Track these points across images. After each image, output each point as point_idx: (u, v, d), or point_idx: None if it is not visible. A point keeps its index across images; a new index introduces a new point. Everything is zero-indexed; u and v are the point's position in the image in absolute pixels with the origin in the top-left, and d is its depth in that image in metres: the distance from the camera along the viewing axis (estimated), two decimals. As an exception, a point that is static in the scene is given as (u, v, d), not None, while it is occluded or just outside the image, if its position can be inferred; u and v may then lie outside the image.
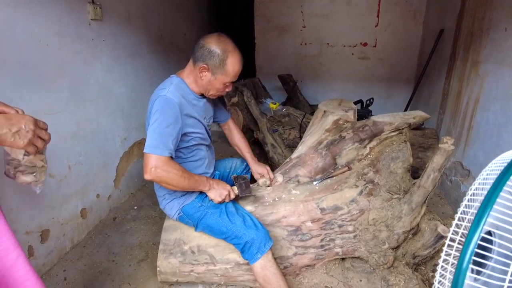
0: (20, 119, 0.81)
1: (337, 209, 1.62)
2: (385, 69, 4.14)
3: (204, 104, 1.58)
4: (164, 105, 1.37)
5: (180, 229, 1.63)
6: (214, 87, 1.48)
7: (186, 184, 1.41)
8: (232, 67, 1.43)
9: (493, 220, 0.62)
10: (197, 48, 1.42)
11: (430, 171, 1.44)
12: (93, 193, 2.21)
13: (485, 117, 2.16)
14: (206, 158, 1.65)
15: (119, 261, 1.92)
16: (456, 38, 2.73)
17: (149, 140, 1.34)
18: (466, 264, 0.53)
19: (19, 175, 0.90)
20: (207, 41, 1.40)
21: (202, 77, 1.45)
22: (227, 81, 1.46)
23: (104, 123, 2.30)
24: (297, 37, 4.30)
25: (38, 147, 0.86)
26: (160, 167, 1.32)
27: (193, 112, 1.49)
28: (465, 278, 0.53)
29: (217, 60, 1.39)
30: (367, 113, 3.10)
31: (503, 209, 0.62)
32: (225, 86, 1.49)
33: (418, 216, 1.56)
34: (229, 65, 1.42)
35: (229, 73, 1.43)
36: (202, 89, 1.51)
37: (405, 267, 1.58)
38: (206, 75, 1.43)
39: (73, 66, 1.96)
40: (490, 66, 2.16)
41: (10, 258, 0.87)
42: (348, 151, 1.77)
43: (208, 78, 1.44)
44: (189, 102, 1.48)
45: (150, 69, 2.90)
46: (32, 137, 0.83)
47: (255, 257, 1.41)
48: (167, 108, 1.37)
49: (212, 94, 1.52)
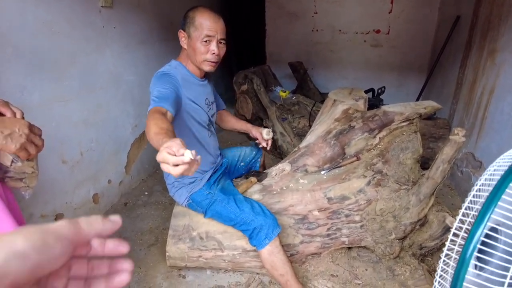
0: (14, 122, 0.79)
1: (344, 199, 1.63)
2: (398, 57, 4.05)
3: (205, 88, 1.59)
4: (157, 77, 1.41)
5: (189, 216, 1.67)
6: (197, 51, 1.44)
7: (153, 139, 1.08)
8: (201, 19, 1.40)
9: (498, 217, 0.62)
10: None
11: (439, 163, 1.42)
12: (105, 179, 2.26)
13: (500, 108, 2.11)
14: (211, 144, 1.67)
15: (130, 246, 1.96)
16: (472, 25, 2.65)
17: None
18: (468, 259, 0.53)
19: (8, 180, 0.88)
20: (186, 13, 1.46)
21: (184, 46, 1.47)
22: (202, 36, 1.41)
23: (114, 110, 2.32)
24: (308, 24, 4.22)
25: (30, 152, 0.82)
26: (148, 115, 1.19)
27: (191, 91, 1.49)
28: (466, 273, 0.53)
29: (188, 20, 1.43)
30: (378, 102, 3.05)
31: (509, 206, 0.62)
32: (206, 44, 1.42)
33: (426, 207, 1.56)
34: (198, 18, 1.41)
35: (198, 26, 1.40)
36: (194, 61, 1.49)
37: (411, 257, 1.59)
38: (184, 41, 1.47)
39: (84, 53, 1.98)
40: (508, 55, 2.10)
41: None
42: (357, 141, 1.76)
43: (186, 42, 1.46)
44: (187, 81, 1.49)
45: (160, 56, 2.90)
46: (25, 142, 0.79)
47: (263, 243, 1.43)
48: (160, 78, 1.39)
49: (200, 61, 1.46)
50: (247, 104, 3.19)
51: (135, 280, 1.71)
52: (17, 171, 0.87)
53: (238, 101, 3.27)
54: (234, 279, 1.72)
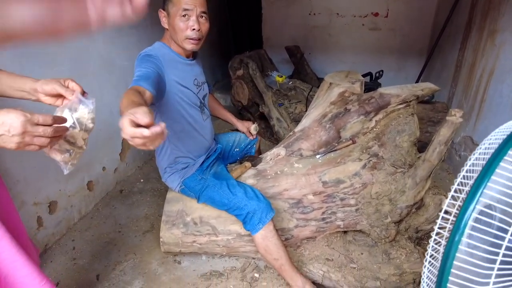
0: (5, 121, 0.70)
1: (339, 183, 1.61)
2: (396, 40, 3.98)
3: (193, 68, 1.55)
4: (139, 59, 1.37)
5: (183, 201, 1.65)
6: (176, 28, 1.39)
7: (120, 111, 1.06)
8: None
9: (493, 193, 0.60)
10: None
11: (436, 144, 1.40)
12: (99, 166, 2.24)
13: (499, 90, 2.08)
14: (206, 128, 1.64)
15: (125, 232, 1.97)
16: (473, 5, 2.59)
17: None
18: (458, 238, 0.51)
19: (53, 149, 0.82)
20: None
21: (165, 25, 1.44)
22: (180, 11, 1.36)
23: (107, 96, 2.28)
24: (305, 7, 4.13)
25: (40, 145, 0.75)
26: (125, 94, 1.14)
27: (177, 72, 1.45)
28: (459, 252, 0.51)
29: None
30: (376, 86, 3.00)
31: (504, 180, 0.59)
32: (185, 20, 1.37)
33: (423, 190, 1.54)
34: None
35: (175, 1, 1.36)
36: (176, 41, 1.44)
37: (407, 241, 1.58)
38: (165, 21, 1.43)
39: (74, 39, 1.92)
40: (508, 35, 2.05)
41: None
42: (353, 124, 1.73)
43: (167, 22, 1.42)
44: (172, 61, 1.45)
45: (153, 40, 2.80)
46: (20, 141, 0.72)
47: (257, 228, 1.42)
48: (142, 59, 1.35)
49: (181, 38, 1.41)
50: (243, 89, 3.15)
51: (130, 266, 1.71)
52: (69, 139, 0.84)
53: (234, 86, 3.22)
54: (230, 264, 1.72)
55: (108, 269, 1.70)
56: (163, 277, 1.65)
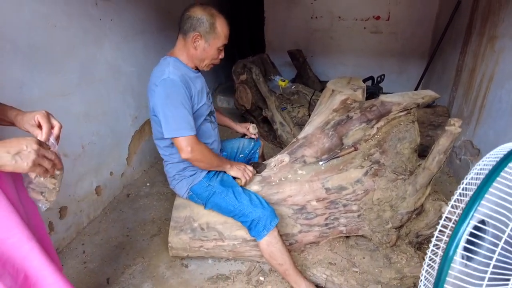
0: (20, 141, 0.77)
1: (342, 189, 1.65)
2: (398, 43, 4.01)
3: (201, 79, 1.61)
4: (170, 87, 1.39)
5: (190, 207, 1.70)
6: (208, 55, 1.51)
7: (215, 162, 1.53)
8: (222, 29, 1.47)
9: (486, 210, 0.64)
10: (183, 21, 1.46)
11: (435, 153, 1.44)
12: (107, 171, 2.29)
13: (498, 95, 2.11)
14: (214, 137, 1.69)
15: (133, 236, 2.02)
16: (473, 10, 2.62)
17: (171, 125, 1.39)
18: (452, 253, 0.55)
19: (29, 191, 0.90)
20: (192, 12, 1.44)
21: (197, 47, 1.48)
22: (220, 45, 1.50)
23: (114, 102, 2.34)
24: (307, 11, 4.17)
25: (46, 168, 0.82)
26: (193, 146, 1.41)
27: (197, 87, 1.52)
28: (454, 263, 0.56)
29: (207, 25, 1.44)
30: (377, 90, 3.05)
31: (497, 199, 0.64)
32: (219, 51, 1.53)
33: (423, 197, 1.58)
34: (219, 27, 1.46)
35: (220, 35, 1.48)
36: (197, 61, 1.53)
37: (407, 246, 1.63)
38: (200, 43, 1.47)
39: (82, 46, 1.98)
40: (507, 41, 2.08)
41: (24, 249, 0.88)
42: (355, 131, 1.78)
43: (202, 46, 1.48)
44: (190, 79, 1.50)
45: (159, 46, 2.89)
46: (36, 157, 0.78)
47: (262, 234, 1.47)
48: (174, 90, 1.39)
49: (206, 64, 1.54)
50: (246, 94, 3.19)
51: (139, 270, 1.76)
52: (39, 185, 0.89)
53: (238, 91, 3.27)
54: (235, 268, 1.77)
55: (117, 272, 1.75)
56: (171, 280, 1.70)
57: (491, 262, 0.61)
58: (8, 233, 0.86)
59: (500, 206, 0.62)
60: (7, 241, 0.85)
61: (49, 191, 0.91)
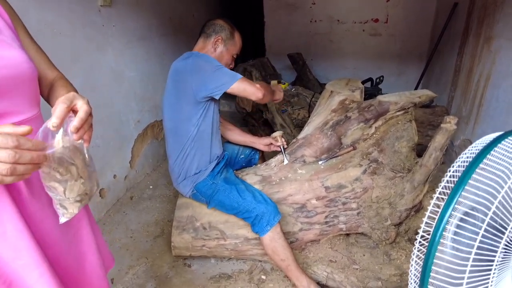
0: None
1: (341, 187, 1.68)
2: (397, 45, 4.05)
3: None
4: (203, 56, 1.57)
5: (192, 207, 1.73)
6: (224, 59, 1.67)
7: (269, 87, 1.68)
8: (238, 39, 1.70)
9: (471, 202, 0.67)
10: (207, 26, 1.66)
11: (432, 150, 1.47)
12: (111, 174, 2.33)
13: (495, 95, 2.15)
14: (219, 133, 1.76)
15: (136, 237, 2.05)
16: (469, 12, 2.66)
17: (222, 79, 1.47)
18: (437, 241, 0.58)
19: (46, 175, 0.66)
20: (216, 20, 1.67)
21: (216, 48, 1.65)
22: (234, 53, 1.70)
23: (118, 106, 2.38)
24: (306, 14, 4.23)
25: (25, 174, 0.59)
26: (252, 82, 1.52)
27: None
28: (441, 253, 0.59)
29: (228, 32, 1.65)
30: (376, 91, 3.08)
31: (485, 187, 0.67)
32: (232, 59, 1.72)
33: (421, 194, 1.61)
34: (237, 38, 1.69)
35: (237, 43, 1.69)
36: None
37: (407, 242, 1.65)
38: (220, 46, 1.65)
39: (85, 52, 2.03)
40: (503, 42, 2.12)
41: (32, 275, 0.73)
42: (353, 131, 1.81)
43: (221, 49, 1.66)
44: None
45: (160, 51, 2.95)
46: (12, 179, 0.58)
47: (265, 230, 1.50)
48: (207, 57, 1.56)
49: None
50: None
51: (143, 270, 1.79)
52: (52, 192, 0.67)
53: (239, 94, 3.31)
54: (238, 267, 1.79)
55: (121, 273, 1.78)
56: (174, 280, 1.73)
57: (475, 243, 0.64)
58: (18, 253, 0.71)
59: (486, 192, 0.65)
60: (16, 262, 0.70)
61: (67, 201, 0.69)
